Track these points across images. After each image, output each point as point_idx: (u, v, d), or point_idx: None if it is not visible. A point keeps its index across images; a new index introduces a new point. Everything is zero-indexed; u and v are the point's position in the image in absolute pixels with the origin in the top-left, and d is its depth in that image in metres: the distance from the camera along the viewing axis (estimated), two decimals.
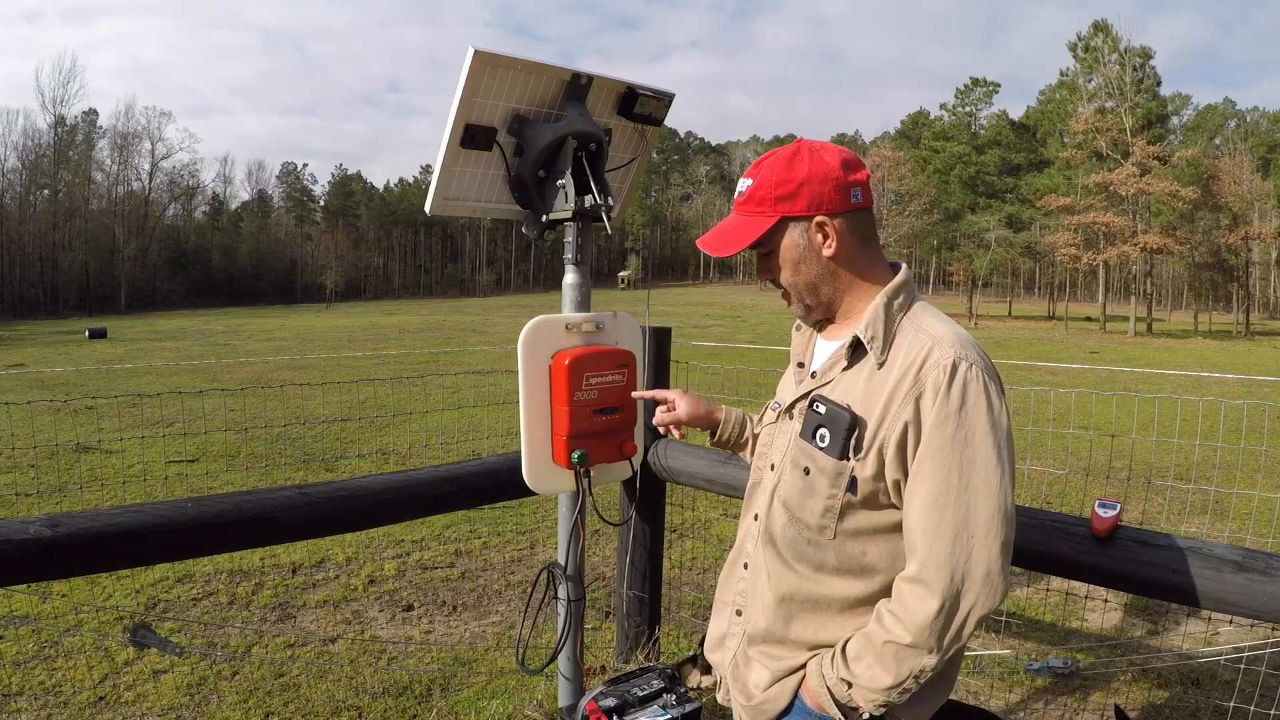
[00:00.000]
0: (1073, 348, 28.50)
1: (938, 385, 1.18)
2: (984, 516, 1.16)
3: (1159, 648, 3.57)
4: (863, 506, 1.26)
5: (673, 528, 3.69)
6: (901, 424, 1.20)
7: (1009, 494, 1.18)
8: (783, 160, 1.29)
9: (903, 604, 1.19)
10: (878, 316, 1.27)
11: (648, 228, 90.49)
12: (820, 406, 1.29)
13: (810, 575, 1.31)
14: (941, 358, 1.19)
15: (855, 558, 1.28)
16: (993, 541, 1.16)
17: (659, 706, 1.77)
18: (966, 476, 1.16)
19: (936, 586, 1.16)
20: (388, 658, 3.49)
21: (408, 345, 23.69)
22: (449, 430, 7.98)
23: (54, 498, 5.75)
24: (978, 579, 1.16)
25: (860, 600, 1.29)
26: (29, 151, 66.98)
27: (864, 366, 1.28)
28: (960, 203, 57.70)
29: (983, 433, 1.17)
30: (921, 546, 1.18)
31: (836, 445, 1.26)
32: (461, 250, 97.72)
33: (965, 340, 1.23)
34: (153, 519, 1.93)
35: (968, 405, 1.17)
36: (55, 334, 32.11)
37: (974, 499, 1.16)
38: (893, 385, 1.22)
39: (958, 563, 1.16)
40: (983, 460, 1.17)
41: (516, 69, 2.00)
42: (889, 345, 1.26)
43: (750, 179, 1.32)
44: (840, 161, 1.28)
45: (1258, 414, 9.10)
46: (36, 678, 3.19)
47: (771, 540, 1.37)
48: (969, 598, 1.16)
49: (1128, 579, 1.76)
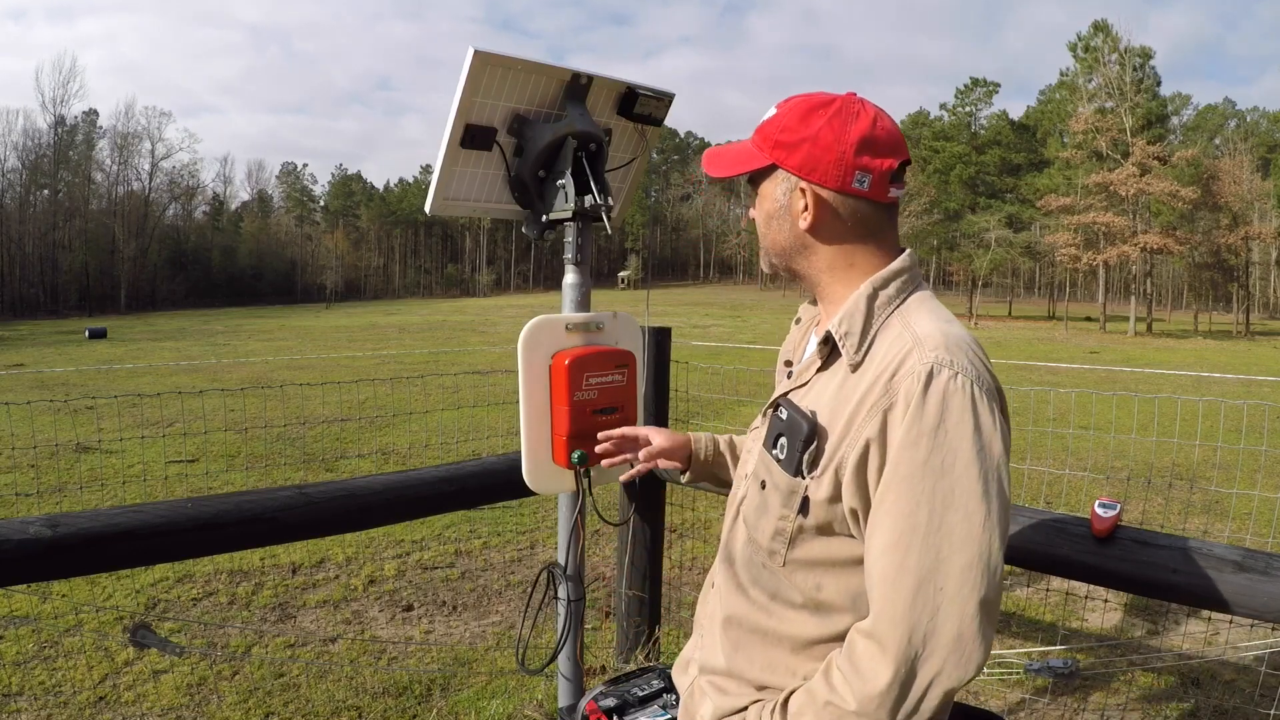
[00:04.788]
0: (1073, 348, 28.49)
1: (910, 396, 0.96)
2: (959, 564, 0.93)
3: (1159, 648, 3.57)
4: (817, 533, 1.07)
5: (673, 528, 3.70)
6: (863, 441, 0.99)
7: (995, 539, 0.94)
8: (805, 107, 1.13)
9: (853, 662, 0.98)
10: (856, 309, 1.08)
11: (648, 228, 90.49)
12: (784, 411, 1.11)
13: (763, 603, 1.13)
14: (919, 362, 0.98)
15: (809, 592, 1.08)
16: (968, 596, 0.93)
17: (659, 706, 1.77)
18: (940, 513, 0.94)
19: (891, 647, 0.94)
20: (388, 658, 3.49)
21: (408, 345, 23.70)
22: (449, 430, 7.98)
23: (54, 498, 5.75)
24: (944, 642, 0.93)
25: (814, 640, 1.09)
26: (29, 151, 67.01)
27: (838, 368, 1.09)
28: (960, 203, 57.75)
29: (965, 459, 0.94)
30: (879, 595, 0.97)
31: (792, 460, 1.07)
32: (461, 250, 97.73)
33: (957, 342, 1.01)
34: (153, 519, 1.93)
35: (947, 423, 0.95)
36: (55, 334, 32.11)
37: (947, 541, 0.93)
38: (863, 392, 1.02)
39: (919, 620, 0.93)
40: (962, 494, 0.94)
41: (516, 69, 2.00)
42: (867, 344, 1.06)
43: (774, 110, 1.17)
44: (860, 139, 1.08)
45: (1258, 414, 9.10)
46: (36, 678, 3.19)
47: (730, 558, 1.20)
48: (931, 665, 0.93)
49: (1128, 579, 1.76)
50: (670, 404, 2.97)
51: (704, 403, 7.69)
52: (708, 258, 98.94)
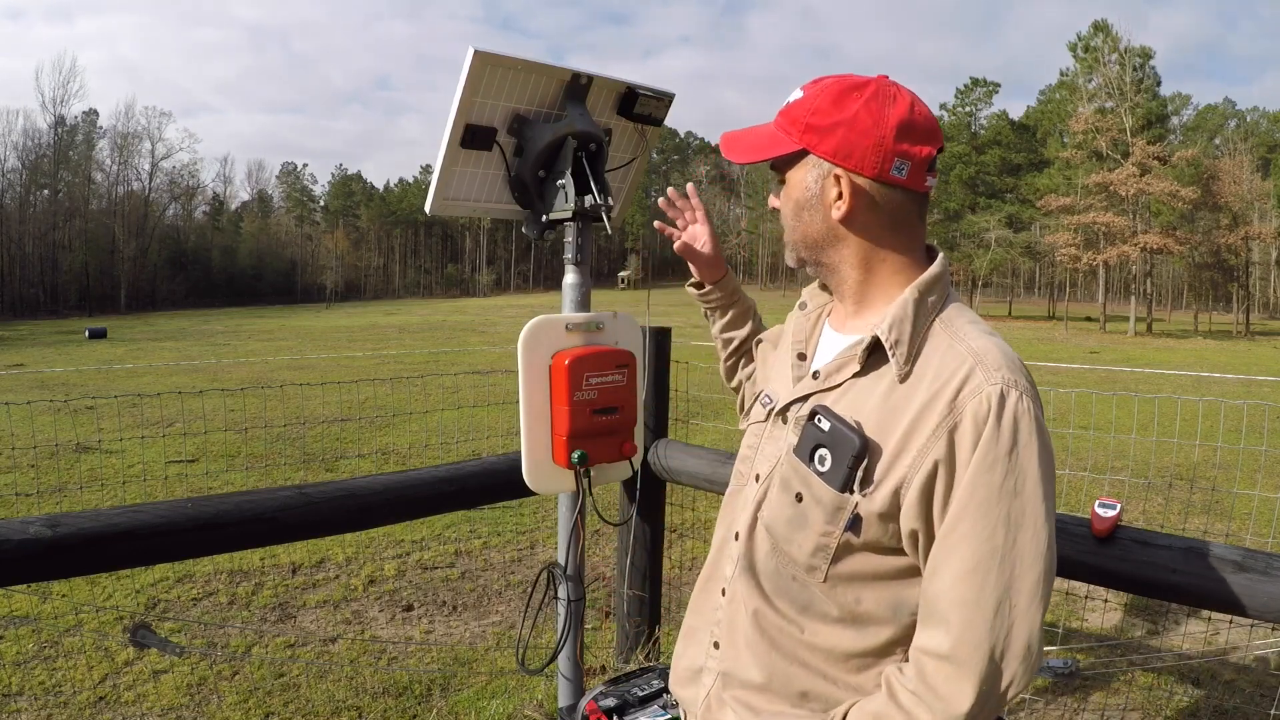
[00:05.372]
0: (1073, 348, 28.49)
1: (981, 419, 0.96)
2: (1030, 582, 0.96)
3: (1159, 648, 3.57)
4: (864, 549, 1.04)
5: (673, 528, 3.69)
6: (930, 462, 0.97)
7: (1054, 550, 0.98)
8: (839, 89, 1.07)
9: (928, 685, 0.98)
10: (905, 315, 1.04)
11: (648, 228, 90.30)
12: (824, 421, 1.05)
13: (793, 616, 1.10)
14: (987, 382, 0.97)
15: (848, 605, 1.07)
16: (1035, 610, 0.97)
17: (659, 706, 1.77)
18: (1014, 535, 0.95)
19: (973, 668, 0.95)
20: (388, 658, 3.49)
21: (408, 345, 23.70)
22: (449, 430, 7.98)
23: (54, 498, 5.75)
24: (1017, 654, 0.96)
25: (850, 655, 1.08)
26: (29, 151, 67.02)
27: (883, 376, 1.04)
28: (960, 203, 57.72)
29: (1034, 480, 0.96)
30: (956, 620, 0.97)
31: (839, 474, 1.03)
32: (461, 250, 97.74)
33: (1014, 361, 1.00)
34: (153, 519, 1.93)
35: (1019, 446, 0.96)
36: (55, 334, 32.11)
37: (1020, 562, 0.96)
38: (919, 408, 0.99)
39: (997, 639, 0.96)
40: (1033, 514, 0.96)
41: (517, 69, 2.00)
42: (916, 353, 1.03)
43: (801, 92, 1.10)
44: (900, 123, 1.04)
45: (1258, 414, 9.10)
46: (36, 678, 3.19)
47: (752, 569, 1.15)
48: (1007, 676, 0.96)
49: (1128, 579, 1.76)
50: (670, 404, 2.97)
51: (704, 403, 7.68)
52: None
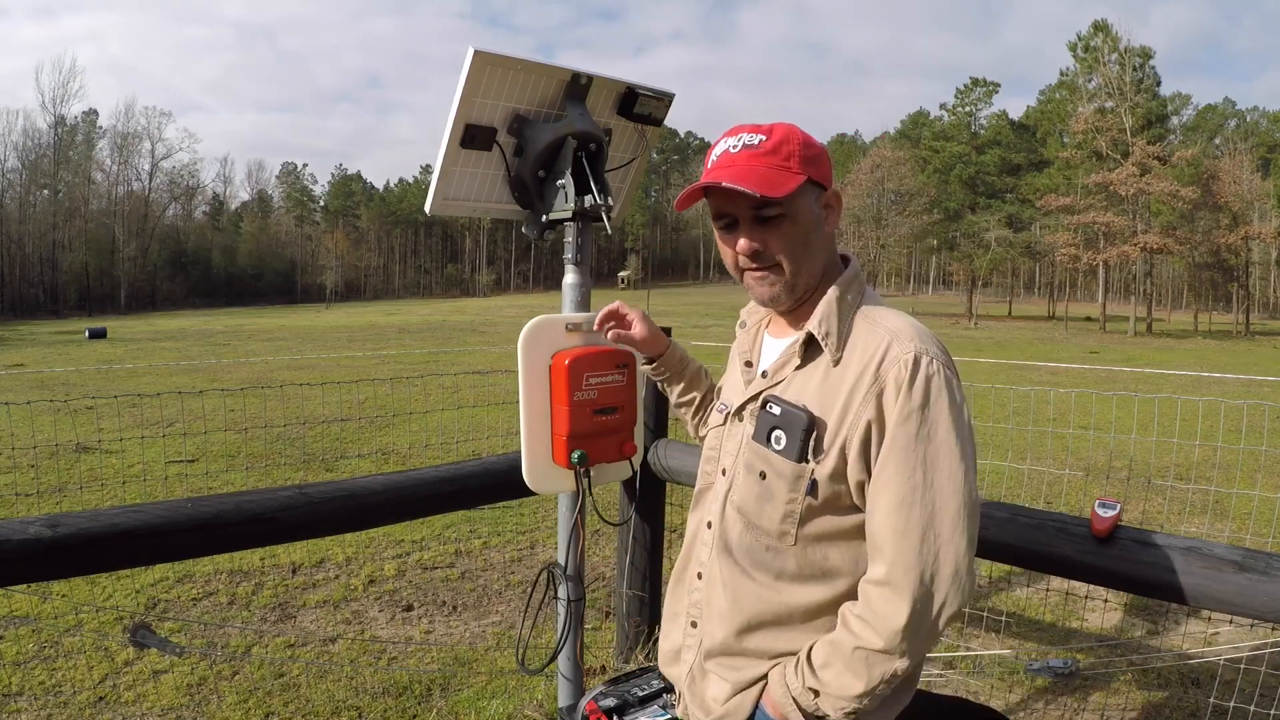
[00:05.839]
0: (1073, 348, 28.50)
1: (899, 381, 1.15)
2: (950, 513, 1.13)
3: (1159, 648, 3.57)
4: (824, 510, 1.23)
5: (673, 528, 3.69)
6: (864, 422, 1.17)
7: (973, 487, 1.16)
8: (788, 127, 1.24)
9: (871, 608, 1.16)
10: (831, 311, 1.24)
11: (648, 228, 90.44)
12: (774, 407, 1.25)
13: (770, 583, 1.27)
14: (902, 352, 1.16)
15: (817, 563, 1.24)
16: (959, 539, 1.13)
17: (659, 706, 1.77)
18: (931, 474, 1.14)
19: (906, 589, 1.13)
20: (388, 658, 3.49)
21: (408, 345, 23.69)
22: (449, 430, 7.97)
23: (54, 498, 5.74)
24: (946, 578, 1.13)
25: (822, 606, 1.25)
26: (29, 151, 67.02)
27: (819, 365, 1.24)
28: (960, 203, 57.72)
29: (945, 427, 1.14)
30: (889, 548, 1.15)
31: (794, 447, 1.21)
32: (461, 250, 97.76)
33: (924, 333, 1.20)
34: (153, 519, 1.93)
35: (930, 400, 1.14)
36: (55, 334, 32.10)
37: (939, 496, 1.13)
38: (852, 382, 1.19)
39: (925, 563, 1.13)
40: (946, 455, 1.14)
41: (516, 69, 2.00)
42: (845, 341, 1.23)
43: (762, 135, 1.23)
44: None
45: (1258, 414, 9.09)
46: (36, 678, 3.19)
47: (728, 548, 1.32)
48: (939, 598, 1.13)
49: (1128, 579, 1.76)
50: (670, 404, 2.96)
51: None
52: (708, 258, 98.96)
